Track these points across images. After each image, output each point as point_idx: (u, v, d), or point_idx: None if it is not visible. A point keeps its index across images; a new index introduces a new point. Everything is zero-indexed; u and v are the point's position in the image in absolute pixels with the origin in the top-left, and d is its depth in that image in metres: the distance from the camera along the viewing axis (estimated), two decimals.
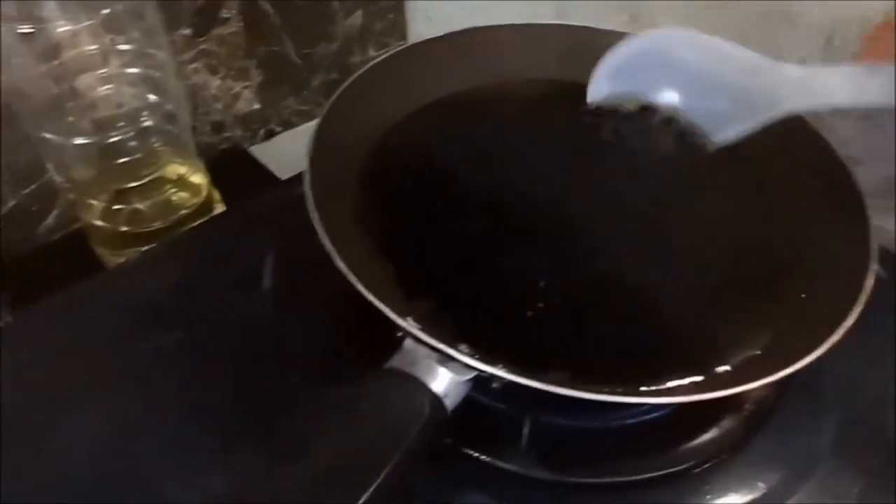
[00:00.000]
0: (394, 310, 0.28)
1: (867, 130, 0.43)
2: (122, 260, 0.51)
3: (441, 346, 0.27)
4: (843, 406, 0.35)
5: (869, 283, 0.31)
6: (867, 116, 0.43)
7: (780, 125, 0.40)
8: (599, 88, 0.41)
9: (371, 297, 0.29)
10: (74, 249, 0.53)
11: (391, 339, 0.29)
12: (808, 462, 0.34)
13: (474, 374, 0.27)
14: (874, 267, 0.31)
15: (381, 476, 0.24)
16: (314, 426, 0.26)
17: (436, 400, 0.26)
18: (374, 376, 0.27)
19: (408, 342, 0.28)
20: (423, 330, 0.28)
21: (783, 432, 0.34)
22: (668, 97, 0.41)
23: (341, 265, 0.29)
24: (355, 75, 0.40)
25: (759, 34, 0.45)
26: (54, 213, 0.54)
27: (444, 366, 0.27)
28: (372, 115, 0.40)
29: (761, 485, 0.33)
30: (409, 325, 0.28)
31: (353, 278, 0.29)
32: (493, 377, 0.27)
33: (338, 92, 0.38)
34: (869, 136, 0.43)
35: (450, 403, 0.27)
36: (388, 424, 0.25)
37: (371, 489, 0.24)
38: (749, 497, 0.32)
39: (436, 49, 0.43)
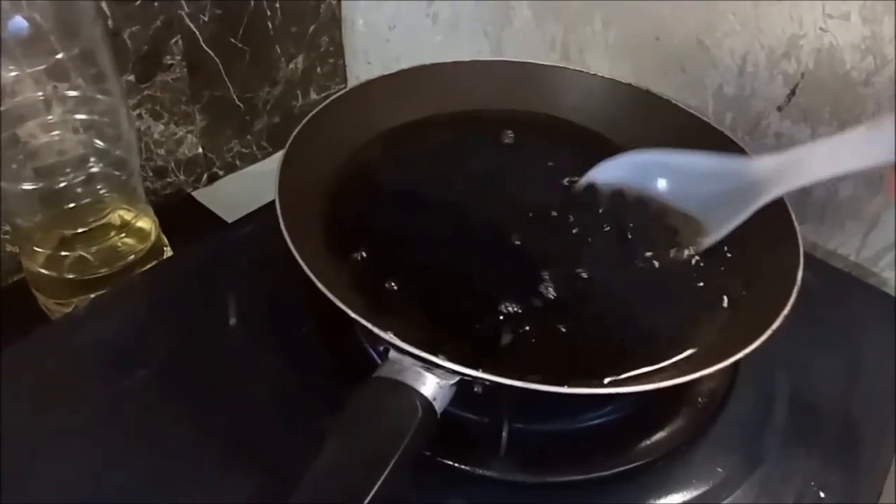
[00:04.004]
0: (376, 325, 0.30)
1: None
2: (67, 309, 0.49)
3: (426, 355, 0.29)
4: (791, 391, 0.39)
5: (798, 278, 0.35)
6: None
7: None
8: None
9: (355, 316, 0.30)
10: (15, 301, 0.52)
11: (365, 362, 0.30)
12: (761, 445, 0.36)
13: (458, 378, 0.29)
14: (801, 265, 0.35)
15: (381, 478, 0.25)
16: (313, 436, 0.27)
17: (427, 402, 0.28)
18: (365, 385, 0.28)
19: (392, 353, 0.29)
20: (406, 341, 0.29)
21: (737, 419, 0.37)
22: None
23: (323, 289, 0.31)
24: (312, 113, 0.41)
25: (679, 65, 0.49)
26: None
27: (430, 372, 0.29)
28: (332, 149, 0.42)
29: (720, 470, 0.35)
30: (392, 338, 0.30)
31: (337, 301, 0.30)
32: (475, 380, 0.29)
33: (299, 128, 0.40)
34: None
35: (439, 406, 0.28)
36: (385, 428, 0.26)
37: (372, 493, 0.25)
38: (710, 483, 0.35)
39: (387, 86, 0.45)
